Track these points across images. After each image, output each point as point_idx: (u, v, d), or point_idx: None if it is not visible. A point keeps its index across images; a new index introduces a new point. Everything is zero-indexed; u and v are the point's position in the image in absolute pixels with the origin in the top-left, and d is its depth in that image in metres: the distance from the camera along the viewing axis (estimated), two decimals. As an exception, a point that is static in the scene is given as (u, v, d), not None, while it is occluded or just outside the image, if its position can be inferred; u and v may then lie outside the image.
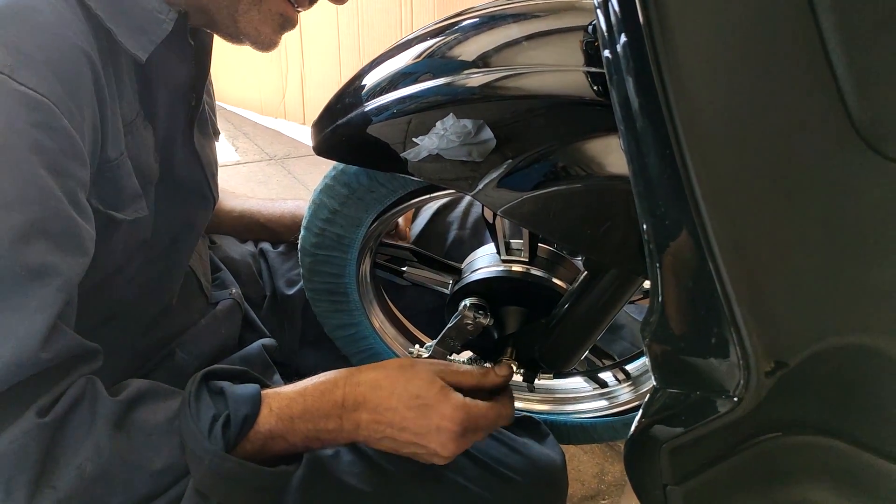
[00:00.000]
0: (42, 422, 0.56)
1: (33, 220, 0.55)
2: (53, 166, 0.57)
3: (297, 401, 0.66)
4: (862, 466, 0.44)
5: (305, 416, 0.66)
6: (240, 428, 0.63)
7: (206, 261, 0.98)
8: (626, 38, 0.40)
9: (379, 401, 0.66)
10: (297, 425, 0.66)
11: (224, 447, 0.61)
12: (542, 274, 0.79)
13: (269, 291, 1.03)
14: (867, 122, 0.37)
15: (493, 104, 0.56)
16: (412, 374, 0.67)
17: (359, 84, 0.65)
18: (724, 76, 0.39)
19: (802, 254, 0.40)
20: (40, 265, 0.56)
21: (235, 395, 0.65)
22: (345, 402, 0.66)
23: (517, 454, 0.81)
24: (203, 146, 0.83)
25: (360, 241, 0.78)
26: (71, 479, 0.56)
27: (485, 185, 0.58)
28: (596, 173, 0.55)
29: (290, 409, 0.66)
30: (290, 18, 0.74)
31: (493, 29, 0.58)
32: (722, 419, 0.45)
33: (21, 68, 0.55)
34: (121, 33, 0.64)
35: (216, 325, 0.91)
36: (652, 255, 0.44)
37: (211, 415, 0.63)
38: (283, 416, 0.65)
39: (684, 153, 0.39)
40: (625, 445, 0.53)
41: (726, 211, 0.40)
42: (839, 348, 0.41)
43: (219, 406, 0.64)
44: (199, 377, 0.66)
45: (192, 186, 0.83)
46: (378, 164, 0.65)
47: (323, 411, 0.66)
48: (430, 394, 0.66)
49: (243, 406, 0.64)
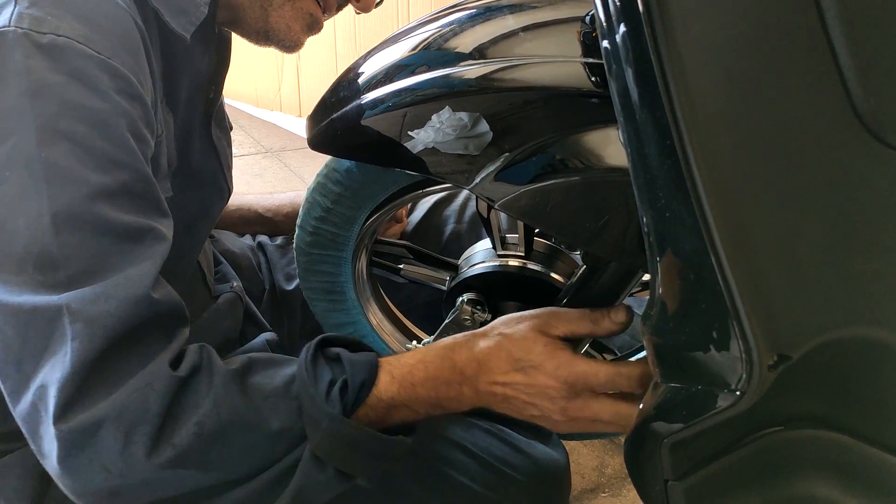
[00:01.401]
0: (174, 375, 0.56)
1: (127, 181, 0.57)
2: (136, 132, 0.59)
3: (418, 367, 0.65)
4: (866, 460, 0.43)
5: (427, 383, 0.65)
6: (357, 393, 0.62)
7: (209, 254, 0.98)
8: (626, 27, 0.40)
9: (492, 366, 0.64)
10: (419, 392, 0.65)
11: (342, 411, 0.60)
12: (539, 268, 0.78)
13: (269, 285, 1.03)
14: (871, 110, 0.36)
15: (489, 96, 0.55)
16: (514, 333, 0.65)
17: (354, 76, 0.65)
18: (725, 65, 0.39)
19: (805, 245, 0.40)
20: (137, 223, 0.58)
21: (352, 361, 0.64)
22: (464, 369, 0.65)
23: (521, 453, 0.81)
24: (220, 138, 0.84)
25: (354, 239, 0.77)
26: (190, 435, 0.56)
27: (482, 178, 0.57)
28: (594, 166, 0.54)
29: (413, 375, 0.65)
30: (318, 20, 0.75)
31: (489, 20, 0.58)
32: (724, 413, 0.44)
33: (96, 38, 0.57)
34: (166, 12, 0.66)
35: (218, 318, 0.90)
36: (652, 248, 0.43)
37: (328, 379, 0.62)
38: (405, 382, 0.64)
39: (685, 144, 0.38)
40: (625, 440, 0.53)
41: (728, 202, 0.39)
42: (843, 341, 0.41)
43: (336, 371, 0.63)
44: (314, 344, 0.65)
45: (208, 177, 0.83)
46: (374, 158, 0.64)
47: (443, 378, 0.65)
48: (533, 354, 0.63)
49: (360, 372, 0.63)
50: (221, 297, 0.93)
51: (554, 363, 0.62)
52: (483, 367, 0.64)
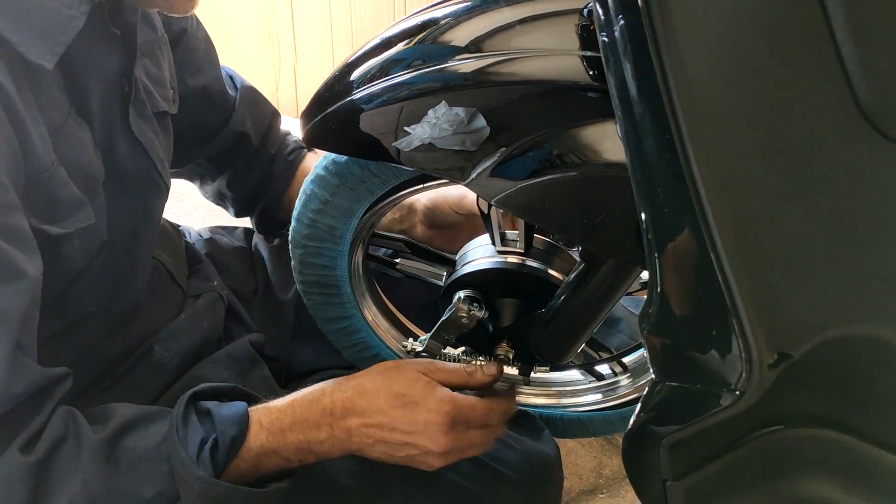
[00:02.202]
0: (27, 461, 0.56)
1: None
2: None
3: (286, 412, 0.66)
4: (867, 459, 0.43)
5: (296, 427, 0.65)
6: (228, 450, 0.63)
7: (179, 252, 0.96)
8: (624, 20, 0.39)
9: (366, 404, 0.66)
10: (289, 437, 0.65)
11: (213, 471, 0.61)
12: (537, 265, 0.77)
13: (262, 286, 1.02)
14: (874, 104, 0.36)
15: (486, 90, 0.54)
16: (396, 373, 0.67)
17: (349, 71, 0.64)
18: (725, 59, 0.38)
19: (806, 241, 0.39)
20: None
21: (222, 417, 0.64)
22: (333, 410, 0.66)
23: (510, 449, 0.81)
24: (144, 131, 0.78)
25: (352, 233, 0.76)
26: None
27: (478, 174, 0.56)
28: (592, 161, 0.53)
29: (281, 421, 0.65)
30: None
31: (485, 13, 0.57)
32: (723, 413, 0.43)
33: None
34: (24, 41, 0.59)
35: (197, 318, 0.89)
36: (650, 244, 0.43)
37: (199, 438, 0.62)
38: (274, 429, 0.65)
39: (684, 138, 0.38)
40: (623, 440, 0.52)
41: (728, 198, 0.38)
42: (844, 339, 0.40)
43: (206, 428, 0.63)
44: (186, 398, 0.65)
45: (140, 176, 0.79)
46: (369, 153, 0.64)
47: (313, 420, 0.66)
48: (415, 390, 0.66)
49: (230, 427, 0.63)
50: (201, 298, 0.92)
51: (436, 399, 0.65)
52: (356, 408, 0.66)
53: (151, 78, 0.82)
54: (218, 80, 0.97)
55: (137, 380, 0.82)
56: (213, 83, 0.96)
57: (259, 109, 1.02)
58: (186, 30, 0.92)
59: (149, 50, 0.81)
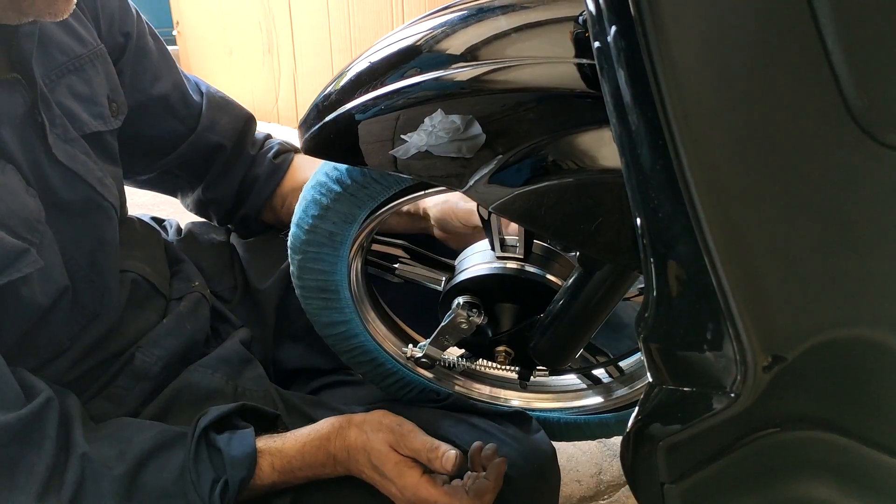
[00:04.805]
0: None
1: None
2: None
3: (296, 458, 0.75)
4: (863, 461, 0.43)
5: (305, 468, 0.75)
6: (238, 489, 0.70)
7: (159, 257, 0.95)
8: (617, 28, 0.39)
9: (359, 459, 0.75)
10: (298, 475, 0.75)
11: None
12: (536, 271, 0.78)
13: (241, 284, 1.01)
14: (864, 108, 0.36)
15: (482, 98, 0.55)
16: (373, 442, 0.74)
17: (345, 81, 0.64)
18: (717, 65, 0.38)
19: (799, 245, 0.40)
20: None
21: (232, 459, 0.71)
22: (336, 456, 0.76)
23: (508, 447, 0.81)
24: (73, 155, 0.76)
25: (352, 238, 0.77)
26: None
27: (475, 181, 0.57)
28: (588, 167, 0.54)
29: (291, 464, 0.74)
30: None
31: (480, 21, 0.57)
32: (719, 415, 0.44)
33: None
34: None
35: (180, 322, 0.88)
36: (645, 249, 0.43)
37: (210, 479, 0.69)
38: (285, 470, 0.75)
39: (677, 144, 0.38)
40: (621, 444, 0.52)
41: (721, 202, 0.39)
42: (838, 341, 0.41)
43: (217, 466, 0.70)
44: (197, 434, 0.71)
45: (82, 203, 0.78)
46: (367, 161, 0.64)
47: (319, 462, 0.75)
48: (386, 468, 0.74)
49: (239, 470, 0.70)
50: (184, 300, 0.91)
51: (402, 483, 0.73)
52: (352, 458, 0.76)
53: (78, 97, 0.79)
54: (178, 86, 0.96)
55: (120, 388, 0.82)
56: (173, 89, 0.95)
57: (230, 113, 1.01)
58: (130, 34, 0.90)
59: (77, 66, 0.79)
